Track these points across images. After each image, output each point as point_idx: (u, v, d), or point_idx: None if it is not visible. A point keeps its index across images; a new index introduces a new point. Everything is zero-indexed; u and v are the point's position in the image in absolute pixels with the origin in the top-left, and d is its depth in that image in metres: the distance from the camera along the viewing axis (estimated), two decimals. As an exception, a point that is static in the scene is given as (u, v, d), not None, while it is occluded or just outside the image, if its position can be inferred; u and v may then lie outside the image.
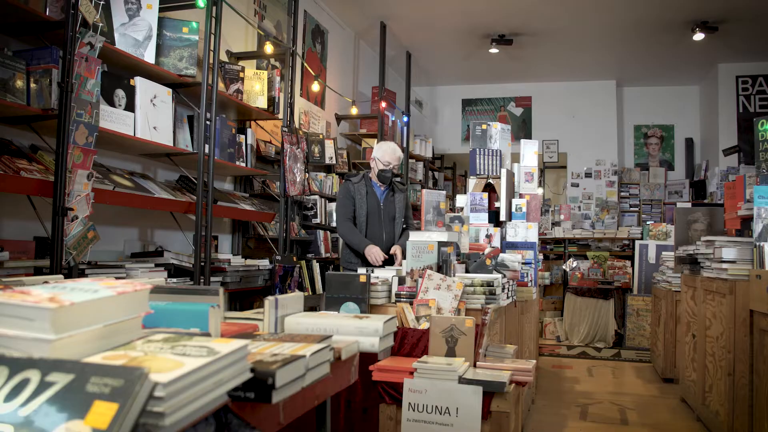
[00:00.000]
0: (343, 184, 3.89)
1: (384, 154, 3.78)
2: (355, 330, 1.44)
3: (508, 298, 3.01)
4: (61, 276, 1.76)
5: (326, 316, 1.52)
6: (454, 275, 2.86)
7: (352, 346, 1.37)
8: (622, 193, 8.75)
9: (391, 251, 3.63)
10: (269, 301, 1.45)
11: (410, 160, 7.33)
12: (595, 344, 6.52)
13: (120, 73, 3.06)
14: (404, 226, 3.86)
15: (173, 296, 1.55)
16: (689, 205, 6.83)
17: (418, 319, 2.67)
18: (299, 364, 1.03)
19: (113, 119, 2.97)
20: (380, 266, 3.48)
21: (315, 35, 5.92)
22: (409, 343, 2.52)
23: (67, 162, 2.41)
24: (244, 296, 4.36)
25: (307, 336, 1.31)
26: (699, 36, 6.39)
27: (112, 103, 2.98)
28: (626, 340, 6.44)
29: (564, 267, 7.16)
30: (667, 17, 6.23)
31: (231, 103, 4.00)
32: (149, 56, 3.23)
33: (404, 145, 7.02)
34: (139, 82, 3.13)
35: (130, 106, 3.08)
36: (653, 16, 6.20)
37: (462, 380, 2.17)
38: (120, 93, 3.03)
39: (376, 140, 6.24)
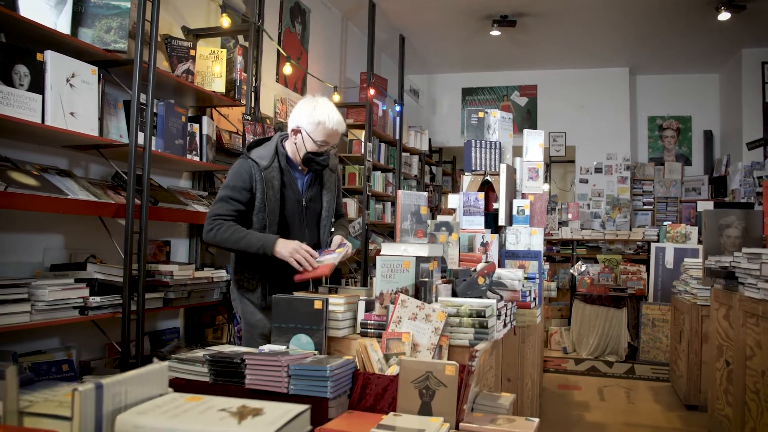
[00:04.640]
0: (241, 163, 2.41)
1: (320, 128, 2.36)
2: (225, 447, 0.84)
3: (505, 326, 2.40)
4: None
5: (184, 416, 0.91)
6: (435, 300, 2.25)
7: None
8: (634, 190, 8.09)
9: (333, 246, 2.47)
10: (81, 393, 0.85)
11: (404, 154, 6.71)
12: (606, 357, 5.90)
13: (24, 46, 2.46)
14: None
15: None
16: (711, 203, 6.19)
17: (387, 357, 2.07)
18: None
19: (12, 102, 2.37)
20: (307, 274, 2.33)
21: (294, 14, 5.30)
22: (372, 393, 1.91)
23: None
24: (203, 309, 3.78)
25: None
26: (724, 16, 5.72)
27: (10, 82, 2.38)
28: (640, 353, 5.81)
29: (571, 271, 6.53)
30: (689, -5, 5.57)
31: (186, 87, 3.41)
32: (63, 25, 2.62)
33: (397, 137, 6.40)
34: (50, 57, 2.52)
35: (36, 87, 2.48)
36: (673, -7, 5.56)
37: (436, 457, 1.57)
38: (22, 70, 2.43)
39: (363, 131, 5.62)
